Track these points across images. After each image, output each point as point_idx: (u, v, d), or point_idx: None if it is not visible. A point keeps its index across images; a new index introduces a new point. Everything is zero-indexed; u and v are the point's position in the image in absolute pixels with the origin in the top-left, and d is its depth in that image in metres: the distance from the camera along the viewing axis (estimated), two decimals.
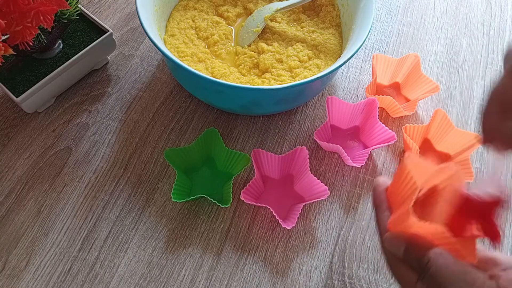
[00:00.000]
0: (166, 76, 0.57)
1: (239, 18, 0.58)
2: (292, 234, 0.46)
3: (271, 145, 0.52)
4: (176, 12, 0.57)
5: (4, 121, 0.52)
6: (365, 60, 0.59)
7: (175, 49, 0.52)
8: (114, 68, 0.57)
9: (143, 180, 0.49)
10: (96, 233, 0.45)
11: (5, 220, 0.46)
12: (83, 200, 0.47)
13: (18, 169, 0.49)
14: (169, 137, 0.52)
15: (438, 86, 0.52)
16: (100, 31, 0.53)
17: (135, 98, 0.55)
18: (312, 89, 0.50)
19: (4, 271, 0.43)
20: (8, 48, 0.38)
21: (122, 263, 0.44)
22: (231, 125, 0.53)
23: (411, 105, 0.52)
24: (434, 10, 0.66)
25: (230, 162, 0.48)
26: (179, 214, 0.47)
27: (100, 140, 0.51)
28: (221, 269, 0.44)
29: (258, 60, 0.53)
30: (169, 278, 0.43)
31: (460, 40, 0.62)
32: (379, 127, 0.50)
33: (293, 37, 0.55)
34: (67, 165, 0.49)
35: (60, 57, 0.52)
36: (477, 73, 0.59)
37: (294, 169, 0.48)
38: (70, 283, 0.43)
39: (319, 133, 0.49)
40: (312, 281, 0.44)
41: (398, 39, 0.62)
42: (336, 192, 0.49)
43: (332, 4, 0.57)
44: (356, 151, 0.51)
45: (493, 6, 0.66)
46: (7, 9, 0.37)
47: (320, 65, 0.52)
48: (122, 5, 0.63)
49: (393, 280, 0.44)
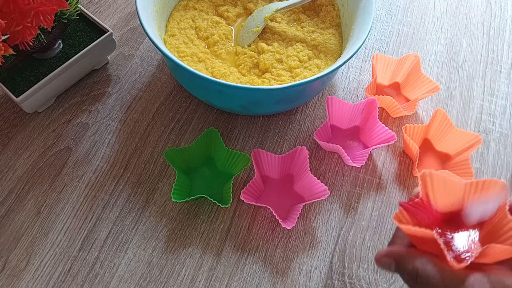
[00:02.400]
0: (166, 76, 0.57)
1: (239, 18, 0.58)
2: (292, 234, 0.46)
3: (271, 145, 0.52)
4: (176, 12, 0.57)
5: (4, 121, 0.52)
6: (365, 60, 0.59)
7: (175, 49, 0.52)
8: (114, 68, 0.57)
9: (143, 180, 0.49)
10: (96, 233, 0.45)
11: (5, 220, 0.46)
12: (83, 200, 0.47)
13: (18, 169, 0.49)
14: (169, 137, 0.52)
15: (438, 86, 0.52)
16: (100, 31, 0.53)
17: (135, 98, 0.55)
18: (312, 89, 0.50)
19: (4, 271, 0.43)
20: (8, 48, 0.38)
21: (122, 263, 0.44)
22: (231, 125, 0.53)
23: (411, 105, 0.52)
24: (434, 10, 0.66)
25: (230, 162, 0.48)
26: (179, 214, 0.47)
27: (100, 140, 0.51)
28: (221, 269, 0.44)
29: (258, 60, 0.53)
30: (169, 278, 0.43)
31: (460, 40, 0.62)
32: (379, 127, 0.50)
33: (293, 37, 0.55)
34: (67, 165, 0.49)
35: (60, 57, 0.52)
36: (477, 73, 0.59)
37: (294, 169, 0.48)
38: (70, 283, 0.43)
39: (319, 133, 0.49)
40: (312, 281, 0.44)
41: (398, 39, 0.62)
42: (336, 192, 0.49)
43: (332, 4, 0.57)
44: (356, 151, 0.51)
45: (493, 6, 0.66)
46: (7, 9, 0.37)
47: (320, 65, 0.52)
48: (122, 5, 0.63)
49: (393, 280, 0.44)
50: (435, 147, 0.52)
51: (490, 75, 0.59)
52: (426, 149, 0.52)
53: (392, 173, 0.51)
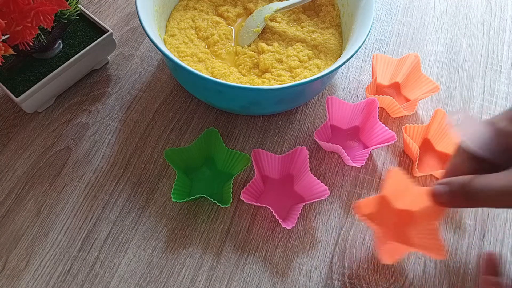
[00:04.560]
0: (166, 76, 0.57)
1: (239, 18, 0.58)
2: (292, 234, 0.46)
3: (271, 145, 0.52)
4: (176, 12, 0.57)
5: (4, 121, 0.52)
6: (365, 60, 0.59)
7: (175, 49, 0.52)
8: (114, 68, 0.57)
9: (143, 180, 0.49)
10: (96, 233, 0.45)
11: (5, 220, 0.46)
12: (83, 200, 0.47)
13: (18, 169, 0.49)
14: (169, 137, 0.52)
15: (438, 86, 0.52)
16: (100, 31, 0.53)
17: (135, 98, 0.55)
18: (312, 89, 0.50)
19: (4, 271, 0.43)
20: (8, 48, 0.38)
21: (122, 263, 0.44)
22: (231, 125, 0.53)
23: (411, 105, 0.52)
24: (434, 10, 0.66)
25: (230, 162, 0.48)
26: (179, 214, 0.47)
27: (100, 140, 0.51)
28: (221, 269, 0.44)
29: (258, 60, 0.53)
30: (169, 278, 0.43)
31: (460, 40, 0.62)
32: (379, 127, 0.50)
33: (293, 37, 0.55)
34: (67, 165, 0.49)
35: (60, 57, 0.52)
36: (477, 73, 0.59)
37: (294, 169, 0.48)
38: (70, 283, 0.43)
39: (319, 133, 0.49)
40: (312, 281, 0.44)
41: (398, 39, 0.62)
42: (336, 192, 0.49)
43: (332, 4, 0.57)
44: (356, 151, 0.51)
45: (493, 6, 0.66)
46: (7, 9, 0.37)
47: (320, 65, 0.52)
48: (122, 5, 0.63)
49: (393, 280, 0.44)
50: (435, 147, 0.52)
51: (490, 75, 0.59)
52: (426, 149, 0.52)
53: None
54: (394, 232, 0.42)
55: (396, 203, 0.43)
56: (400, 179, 0.41)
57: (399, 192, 0.42)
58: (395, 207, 0.43)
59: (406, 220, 0.43)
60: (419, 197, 0.41)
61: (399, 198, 0.43)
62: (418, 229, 0.41)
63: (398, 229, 0.42)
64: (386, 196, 0.43)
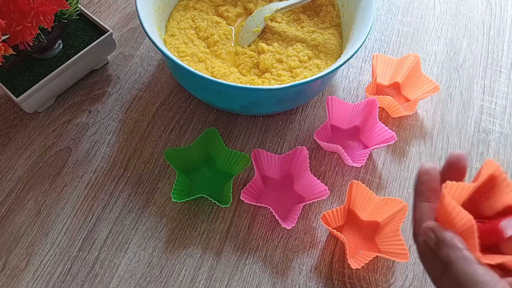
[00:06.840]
0: (166, 76, 0.57)
1: (239, 18, 0.58)
2: (292, 234, 0.46)
3: (271, 145, 0.52)
4: (176, 12, 0.57)
5: (4, 121, 0.52)
6: (365, 60, 0.59)
7: (175, 49, 0.52)
8: (114, 68, 0.57)
9: (143, 180, 0.49)
10: (96, 233, 0.45)
11: (5, 220, 0.46)
12: (83, 200, 0.47)
13: (18, 169, 0.49)
14: (169, 137, 0.52)
15: (438, 86, 0.52)
16: (100, 31, 0.53)
17: (135, 98, 0.55)
18: (312, 89, 0.50)
19: (4, 271, 0.43)
20: (8, 48, 0.38)
21: (122, 263, 0.44)
22: (231, 125, 0.53)
23: (411, 105, 0.52)
24: (434, 10, 0.66)
25: (230, 162, 0.48)
26: (179, 214, 0.47)
27: (100, 140, 0.51)
28: (221, 269, 0.44)
29: (258, 60, 0.53)
30: (169, 278, 0.43)
31: (460, 40, 0.62)
32: (379, 127, 0.50)
33: (293, 37, 0.55)
34: (67, 165, 0.49)
35: (60, 57, 0.52)
36: (477, 73, 0.59)
37: (294, 169, 0.48)
38: (70, 283, 0.43)
39: (319, 133, 0.49)
40: (312, 281, 0.44)
41: (398, 39, 0.62)
42: (336, 192, 0.49)
43: (332, 4, 0.57)
44: (356, 151, 0.51)
45: (493, 6, 0.66)
46: (7, 9, 0.37)
47: (320, 65, 0.52)
48: (122, 5, 0.63)
49: (393, 280, 0.44)
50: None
51: (490, 75, 0.59)
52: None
53: (392, 173, 0.51)
54: (363, 241, 0.45)
55: (362, 215, 0.46)
56: (362, 191, 0.45)
57: (362, 203, 0.45)
58: (361, 218, 0.46)
59: (372, 229, 0.46)
60: (380, 207, 0.44)
61: (362, 209, 0.46)
62: (382, 236, 0.44)
63: (366, 238, 0.45)
64: (351, 208, 0.46)
